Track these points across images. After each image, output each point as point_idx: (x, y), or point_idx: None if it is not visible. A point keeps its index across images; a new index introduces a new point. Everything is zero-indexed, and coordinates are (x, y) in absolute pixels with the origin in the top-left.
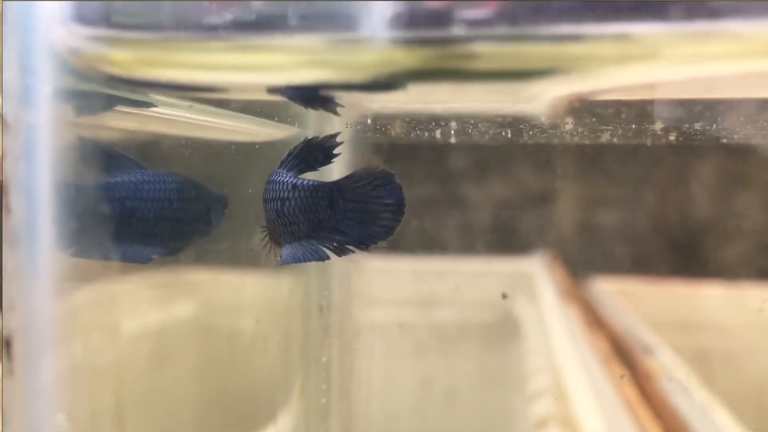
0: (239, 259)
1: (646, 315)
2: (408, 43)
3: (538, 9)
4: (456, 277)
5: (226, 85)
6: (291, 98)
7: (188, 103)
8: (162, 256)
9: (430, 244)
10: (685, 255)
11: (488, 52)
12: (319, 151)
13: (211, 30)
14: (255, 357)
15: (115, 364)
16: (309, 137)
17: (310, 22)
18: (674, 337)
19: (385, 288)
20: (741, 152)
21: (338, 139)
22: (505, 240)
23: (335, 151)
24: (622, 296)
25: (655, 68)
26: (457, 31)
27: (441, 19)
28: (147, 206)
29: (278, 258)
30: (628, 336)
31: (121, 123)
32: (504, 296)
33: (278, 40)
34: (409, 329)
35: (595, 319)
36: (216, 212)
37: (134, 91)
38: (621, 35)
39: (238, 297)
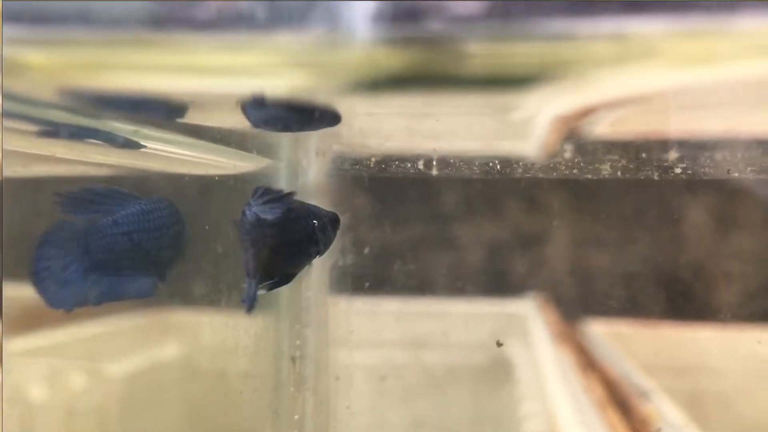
0: (194, 301)
1: (640, 358)
2: (392, 41)
3: (530, 4)
4: (446, 319)
5: (183, 95)
6: (257, 122)
7: (133, 127)
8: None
9: (417, 286)
10: (679, 297)
11: (477, 51)
12: (273, 201)
13: (163, 25)
14: (213, 414)
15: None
16: (265, 187)
17: (283, 18)
18: (668, 381)
19: (369, 333)
20: (733, 193)
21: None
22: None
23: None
24: (616, 339)
25: (653, 71)
26: (445, 28)
27: (427, 15)
28: (151, 236)
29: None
30: (623, 380)
31: (42, 148)
32: (499, 344)
33: (246, 37)
34: (396, 376)
35: (589, 363)
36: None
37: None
38: (615, 32)
39: (192, 344)
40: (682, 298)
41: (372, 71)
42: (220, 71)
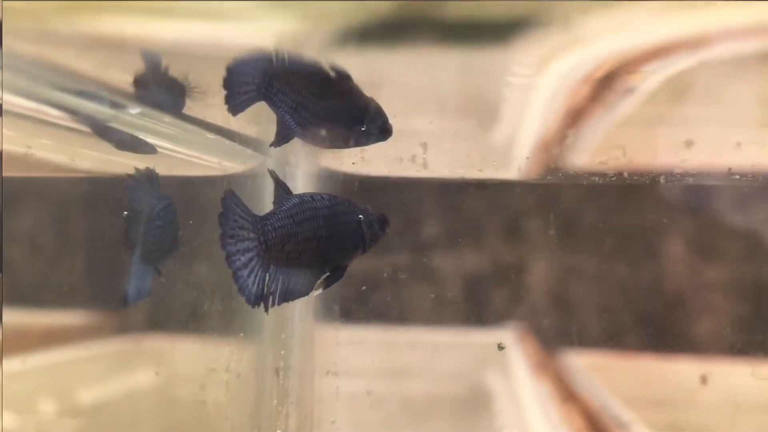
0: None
1: (619, 390)
2: None
3: None
4: (426, 348)
5: (164, 42)
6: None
7: (112, 110)
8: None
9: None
10: (657, 329)
11: None
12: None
13: None
14: (193, 428)
15: None
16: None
17: None
18: (647, 413)
19: (353, 361)
20: (711, 226)
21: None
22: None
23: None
24: (595, 370)
25: (638, 21)
26: None
27: None
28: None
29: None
30: (602, 411)
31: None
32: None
33: None
34: (377, 403)
35: (568, 394)
36: None
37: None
38: None
39: (171, 358)
40: (659, 330)
41: (361, 15)
42: (203, 15)
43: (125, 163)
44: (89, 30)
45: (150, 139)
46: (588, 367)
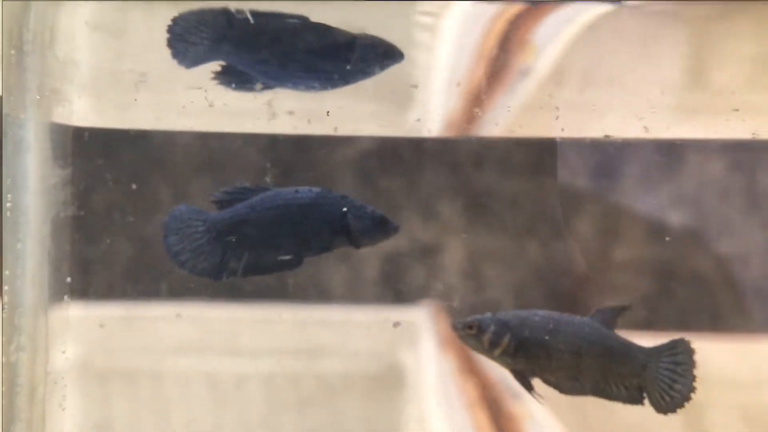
0: None
1: None
2: None
3: None
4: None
5: None
6: None
7: None
8: None
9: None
10: (565, 307)
11: None
12: None
13: None
14: None
15: None
16: None
17: None
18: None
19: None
20: (616, 210)
21: None
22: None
23: None
24: None
25: None
26: None
27: None
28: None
29: None
30: (499, 383)
31: None
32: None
33: None
34: (290, 381)
35: (469, 367)
36: None
37: None
38: None
39: None
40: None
41: None
42: None
43: None
44: None
45: None
46: None
